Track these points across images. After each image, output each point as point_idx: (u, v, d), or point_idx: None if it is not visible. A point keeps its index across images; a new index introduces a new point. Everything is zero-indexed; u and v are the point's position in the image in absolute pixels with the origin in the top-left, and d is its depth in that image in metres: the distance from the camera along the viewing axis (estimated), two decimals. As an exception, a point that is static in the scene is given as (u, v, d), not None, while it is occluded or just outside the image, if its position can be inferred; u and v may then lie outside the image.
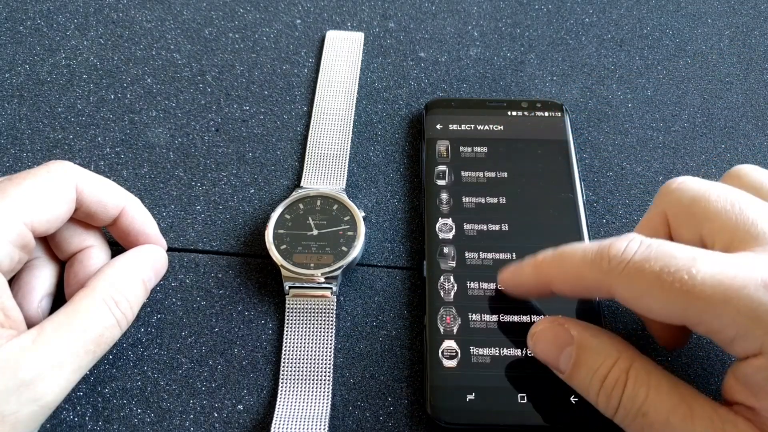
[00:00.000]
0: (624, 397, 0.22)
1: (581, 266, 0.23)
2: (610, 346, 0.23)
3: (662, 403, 0.21)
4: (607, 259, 0.22)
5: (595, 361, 0.23)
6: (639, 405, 0.21)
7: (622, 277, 0.22)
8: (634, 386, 0.22)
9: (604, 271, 0.22)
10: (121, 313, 0.26)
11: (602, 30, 0.41)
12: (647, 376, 0.22)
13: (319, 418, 0.27)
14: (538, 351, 0.25)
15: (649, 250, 0.22)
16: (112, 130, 0.36)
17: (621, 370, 0.22)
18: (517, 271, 0.27)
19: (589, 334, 0.24)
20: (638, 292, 0.22)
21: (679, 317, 0.21)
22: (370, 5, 0.42)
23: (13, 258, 0.24)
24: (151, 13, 0.40)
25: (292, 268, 0.30)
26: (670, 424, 0.21)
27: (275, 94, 0.38)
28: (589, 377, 0.23)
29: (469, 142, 0.34)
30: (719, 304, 0.20)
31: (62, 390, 0.23)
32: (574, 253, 0.24)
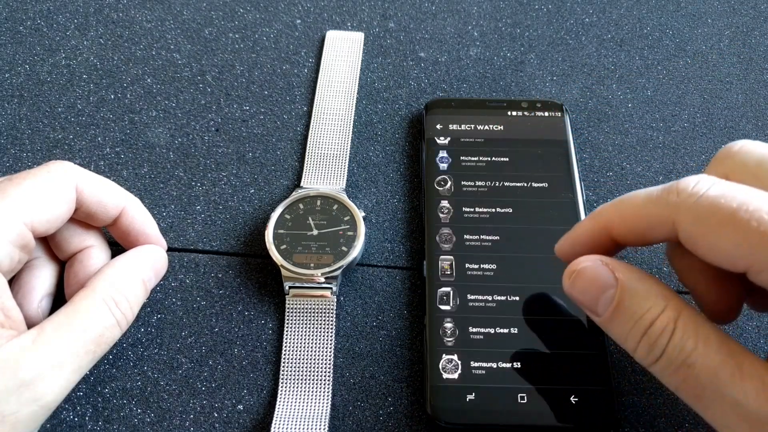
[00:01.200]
0: (669, 346, 0.21)
1: (645, 204, 0.22)
2: (658, 292, 0.22)
3: (711, 356, 0.20)
4: (675, 192, 0.21)
5: (641, 307, 0.21)
6: (686, 356, 0.20)
7: (691, 210, 0.21)
8: (683, 336, 0.20)
9: (672, 204, 0.21)
10: (121, 314, 0.26)
11: (602, 30, 0.41)
12: (696, 327, 0.21)
13: (319, 418, 0.27)
14: (576, 291, 0.23)
15: (723, 187, 0.20)
16: (112, 130, 0.36)
17: (669, 319, 0.21)
18: (572, 231, 0.26)
19: (635, 278, 0.22)
20: (708, 227, 0.20)
21: (748, 260, 0.20)
22: (370, 5, 0.42)
23: (13, 258, 0.24)
24: (151, 13, 0.40)
25: (292, 268, 0.30)
26: (719, 378, 0.20)
27: (275, 94, 0.38)
28: (632, 323, 0.22)
29: (469, 143, 0.34)
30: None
31: (62, 390, 0.23)
32: (636, 194, 0.23)
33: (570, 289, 0.24)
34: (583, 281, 0.23)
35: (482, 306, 0.29)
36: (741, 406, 0.19)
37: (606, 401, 0.27)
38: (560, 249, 0.26)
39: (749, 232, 0.19)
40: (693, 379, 0.20)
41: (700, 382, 0.20)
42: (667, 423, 0.28)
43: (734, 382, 0.19)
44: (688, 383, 0.20)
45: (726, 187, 0.20)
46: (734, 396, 0.19)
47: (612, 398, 0.27)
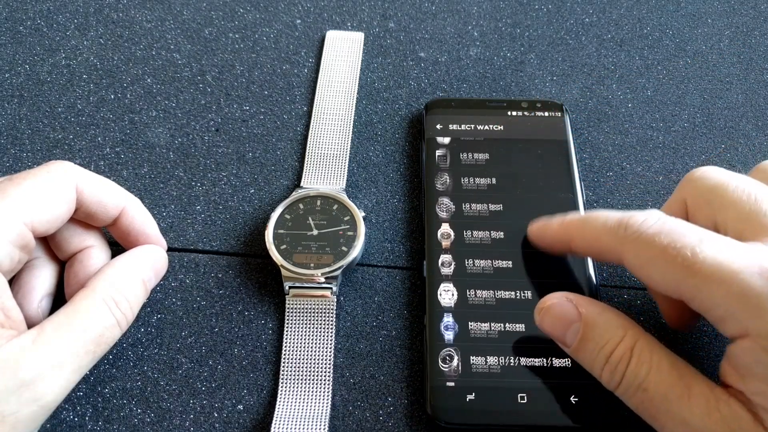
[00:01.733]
0: (627, 373, 0.23)
1: (601, 230, 0.25)
2: (617, 324, 0.24)
3: (662, 381, 0.22)
4: (624, 227, 0.24)
5: (602, 338, 0.24)
6: (640, 381, 0.22)
7: (633, 244, 0.23)
8: (637, 364, 0.23)
9: (619, 237, 0.24)
10: (121, 314, 0.26)
11: (602, 30, 0.41)
12: (650, 354, 0.23)
13: (319, 418, 0.27)
14: (546, 326, 0.26)
15: (662, 225, 0.23)
16: (112, 130, 0.36)
17: (626, 348, 0.23)
18: (545, 225, 0.29)
19: (596, 312, 0.24)
20: (644, 260, 0.23)
21: (677, 290, 0.22)
22: (370, 5, 0.42)
23: (13, 258, 0.24)
24: (151, 13, 0.40)
25: (292, 268, 0.30)
26: (668, 401, 0.22)
27: (275, 94, 0.38)
28: (595, 353, 0.24)
29: (469, 143, 0.34)
30: (714, 283, 0.21)
31: (62, 390, 0.23)
32: (597, 218, 0.26)
33: (540, 323, 0.26)
34: (552, 317, 0.26)
35: (482, 306, 0.29)
36: (688, 424, 0.21)
37: (606, 401, 0.27)
38: (531, 233, 0.30)
39: (674, 267, 0.22)
40: (648, 401, 0.22)
41: (654, 404, 0.22)
42: (667, 423, 0.28)
43: (682, 403, 0.21)
44: (644, 405, 0.23)
45: (665, 225, 0.23)
46: (682, 415, 0.21)
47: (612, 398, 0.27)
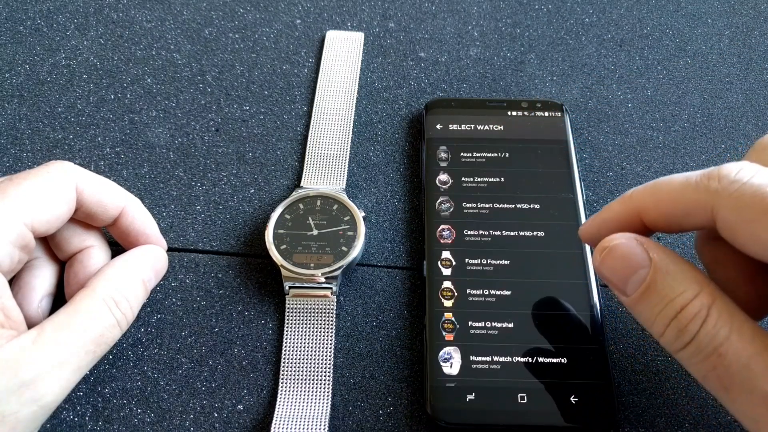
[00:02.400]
0: (701, 333, 0.20)
1: (683, 189, 0.21)
2: (693, 277, 0.21)
3: (744, 347, 0.19)
4: (717, 179, 0.20)
5: (674, 290, 0.21)
6: (718, 344, 0.19)
7: (733, 197, 0.20)
8: (716, 323, 0.20)
9: (711, 190, 0.20)
10: (121, 314, 0.26)
11: (602, 30, 0.41)
12: (731, 316, 0.20)
13: (319, 418, 0.27)
14: (605, 267, 0.22)
15: (763, 178, 0.20)
16: (112, 130, 0.36)
17: (703, 304, 0.20)
18: (600, 213, 0.25)
19: (671, 259, 0.21)
20: (750, 216, 0.19)
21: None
22: (370, 5, 0.42)
23: (13, 258, 0.24)
24: (151, 13, 0.40)
25: (292, 268, 0.30)
26: (750, 371, 0.19)
27: (275, 94, 0.38)
28: (662, 306, 0.21)
29: (469, 142, 0.34)
30: None
31: (62, 390, 0.23)
32: (673, 179, 0.22)
33: (599, 265, 0.23)
34: (614, 259, 0.22)
35: (483, 306, 0.29)
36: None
37: (606, 401, 0.27)
38: (585, 231, 0.25)
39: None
40: (723, 369, 0.19)
41: (730, 372, 0.19)
42: (667, 423, 0.28)
43: (767, 376, 0.19)
44: (717, 373, 0.20)
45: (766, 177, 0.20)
46: (765, 389, 0.19)
47: (612, 398, 0.27)
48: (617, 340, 0.30)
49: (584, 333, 0.28)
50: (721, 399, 0.20)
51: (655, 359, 0.29)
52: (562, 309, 0.29)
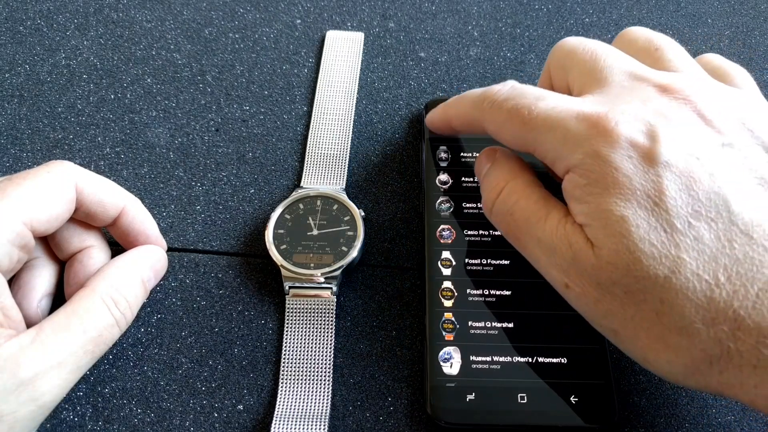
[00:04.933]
0: (498, 200, 0.27)
1: (469, 106, 0.29)
2: (508, 166, 0.27)
3: (528, 207, 0.25)
4: (482, 99, 0.27)
5: (494, 175, 0.28)
6: (509, 207, 0.26)
7: (488, 113, 0.27)
8: (509, 193, 0.26)
9: (481, 109, 0.27)
10: (120, 314, 0.26)
11: (602, 30, 0.41)
12: (524, 187, 0.26)
13: (319, 418, 0.27)
14: (476, 165, 0.30)
15: (512, 91, 0.26)
16: (112, 130, 0.36)
17: (501, 182, 0.27)
18: (433, 111, 0.32)
19: (504, 158, 0.28)
20: (497, 125, 0.27)
21: (524, 145, 0.26)
22: (370, 5, 0.42)
23: (12, 258, 0.24)
24: (151, 13, 0.40)
25: (292, 268, 0.30)
26: (529, 223, 0.25)
27: (275, 94, 0.38)
28: (487, 186, 0.28)
29: (469, 142, 0.34)
30: (545, 132, 0.24)
31: (61, 390, 0.23)
32: (467, 95, 0.29)
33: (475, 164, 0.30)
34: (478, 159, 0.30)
35: (483, 305, 0.29)
36: (540, 240, 0.24)
37: (606, 401, 0.27)
38: (427, 121, 0.33)
39: (516, 125, 0.25)
40: (514, 223, 0.26)
41: (518, 225, 0.26)
42: (667, 423, 0.28)
43: (539, 224, 0.25)
44: (510, 228, 0.26)
45: (514, 92, 0.26)
46: (537, 234, 0.25)
47: (612, 399, 0.27)
48: (617, 340, 0.30)
49: (584, 333, 0.28)
50: (518, 247, 0.26)
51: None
52: (562, 309, 0.29)
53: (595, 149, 0.23)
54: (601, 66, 0.26)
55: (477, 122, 0.28)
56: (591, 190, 0.23)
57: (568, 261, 0.23)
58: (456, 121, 0.30)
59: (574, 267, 0.23)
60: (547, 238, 0.24)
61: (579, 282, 0.23)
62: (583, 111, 0.24)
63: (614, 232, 0.22)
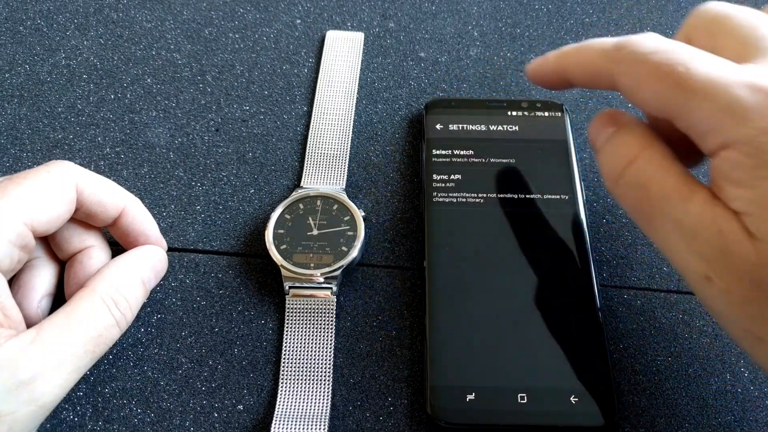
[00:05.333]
0: (629, 171, 0.23)
1: (596, 53, 0.25)
2: (640, 133, 0.24)
3: (667, 183, 0.22)
4: (620, 48, 0.24)
5: (622, 141, 0.24)
6: (644, 180, 0.23)
7: (627, 64, 0.23)
8: (643, 165, 0.23)
9: (614, 58, 0.24)
10: (120, 314, 0.26)
11: (602, 30, 0.41)
12: (660, 160, 0.23)
13: (319, 418, 0.27)
14: (591, 127, 0.26)
15: (659, 44, 0.23)
16: (112, 130, 0.36)
17: (633, 151, 0.24)
18: (543, 59, 0.28)
19: (632, 124, 0.25)
20: (637, 80, 0.23)
21: (667, 109, 0.22)
22: (370, 5, 0.42)
23: (12, 258, 0.24)
24: (151, 13, 0.40)
25: (292, 268, 0.30)
26: (668, 201, 0.22)
27: (275, 94, 0.38)
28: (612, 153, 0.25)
29: (469, 142, 0.34)
30: (703, 97, 0.21)
31: (61, 390, 0.23)
32: (593, 42, 0.25)
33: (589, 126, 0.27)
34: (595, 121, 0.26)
35: (483, 305, 0.29)
36: (683, 224, 0.21)
37: (606, 401, 0.27)
38: (529, 70, 0.29)
39: (665, 84, 0.22)
40: (647, 200, 0.23)
41: (652, 203, 0.23)
42: (667, 423, 0.28)
43: (681, 205, 0.22)
44: (642, 205, 0.23)
45: (661, 45, 0.23)
46: (678, 216, 0.22)
47: (612, 398, 0.27)
48: (617, 340, 0.30)
49: (584, 333, 0.28)
50: (645, 227, 0.23)
51: (655, 359, 0.29)
52: (562, 309, 0.29)
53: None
54: (764, 35, 0.23)
55: (606, 75, 0.24)
56: (761, 173, 0.20)
57: (715, 251, 0.20)
58: (576, 72, 0.26)
59: (723, 259, 0.20)
60: (691, 221, 0.21)
61: (725, 276, 0.20)
62: (757, 82, 0.21)
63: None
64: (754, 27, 0.23)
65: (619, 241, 0.33)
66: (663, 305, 0.31)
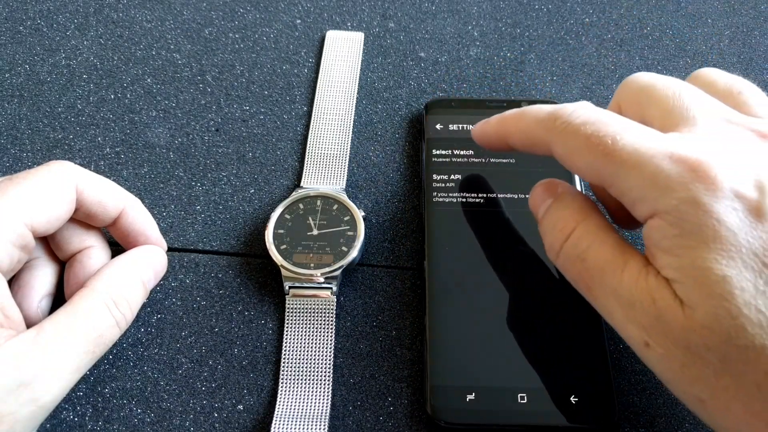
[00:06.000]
0: (566, 244, 0.24)
1: (533, 122, 0.26)
2: (577, 204, 0.25)
3: (603, 254, 0.23)
4: (554, 119, 0.25)
5: (558, 214, 0.25)
6: (580, 252, 0.24)
7: (560, 135, 0.24)
8: (580, 237, 0.24)
9: (549, 128, 0.25)
10: (120, 314, 0.26)
11: (602, 30, 0.41)
12: (596, 230, 0.24)
13: (319, 418, 0.27)
14: (531, 197, 0.28)
15: (589, 115, 0.24)
16: (112, 130, 0.36)
17: (570, 223, 0.25)
18: (485, 123, 0.29)
19: (569, 195, 0.26)
20: (570, 150, 0.24)
21: (599, 178, 0.23)
22: (370, 5, 0.42)
23: (12, 258, 0.24)
24: (151, 13, 0.40)
25: (292, 268, 0.30)
26: (603, 273, 0.23)
27: (275, 94, 0.38)
28: (550, 225, 0.26)
29: (469, 142, 0.34)
30: (630, 168, 0.22)
31: (61, 390, 0.23)
32: (531, 110, 0.26)
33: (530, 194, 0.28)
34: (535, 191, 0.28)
35: (483, 305, 0.29)
36: (618, 293, 0.22)
37: (606, 401, 0.27)
38: (473, 133, 0.30)
39: (595, 155, 0.23)
40: (586, 271, 0.24)
41: (590, 274, 0.23)
42: (667, 423, 0.28)
43: (615, 275, 0.22)
44: (581, 275, 0.24)
45: (592, 116, 0.24)
46: (614, 286, 0.22)
47: (612, 398, 0.27)
48: (617, 340, 0.30)
49: (584, 333, 0.28)
50: (588, 298, 0.24)
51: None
52: (563, 309, 0.29)
53: (693, 196, 0.20)
54: (686, 104, 0.24)
55: (542, 143, 0.25)
56: (685, 242, 0.20)
57: (650, 318, 0.21)
58: (515, 138, 0.27)
59: (658, 326, 0.21)
60: (626, 291, 0.22)
61: (662, 343, 0.21)
62: (678, 152, 0.21)
63: (713, 293, 0.20)
64: (677, 96, 0.24)
65: (619, 241, 0.33)
66: (663, 305, 0.31)
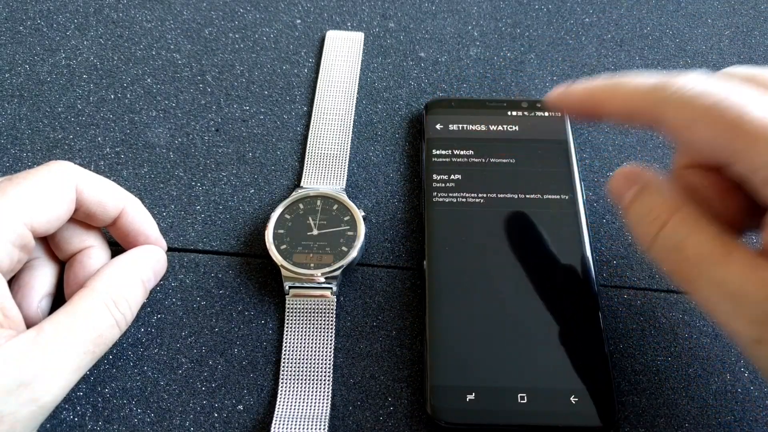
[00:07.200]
0: (661, 234, 0.23)
1: (637, 92, 0.24)
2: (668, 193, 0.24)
3: (702, 243, 0.22)
4: (665, 88, 0.23)
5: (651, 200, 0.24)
6: (677, 242, 0.22)
7: (674, 105, 0.22)
8: (676, 226, 0.22)
9: (659, 98, 0.23)
10: (120, 314, 0.26)
11: (602, 30, 0.41)
12: (693, 221, 0.22)
13: (319, 418, 0.27)
14: (612, 183, 0.26)
15: (708, 85, 0.22)
16: (112, 130, 0.36)
17: (664, 212, 0.23)
18: (569, 90, 0.27)
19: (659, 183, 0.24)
20: (687, 121, 0.22)
21: (721, 152, 0.21)
22: (370, 5, 0.42)
23: (12, 258, 0.24)
24: (151, 13, 0.40)
25: (292, 268, 0.30)
26: (706, 262, 0.21)
27: (275, 94, 0.37)
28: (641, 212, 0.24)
29: (469, 142, 0.34)
30: (762, 142, 0.20)
31: (61, 390, 0.23)
32: (632, 80, 0.25)
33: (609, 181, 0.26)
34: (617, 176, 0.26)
35: (483, 305, 0.29)
36: (726, 285, 0.21)
37: (606, 401, 0.27)
38: (550, 98, 0.28)
39: (722, 125, 0.21)
40: (684, 262, 0.22)
41: (690, 265, 0.22)
42: (667, 423, 0.28)
43: (720, 266, 0.21)
44: (679, 266, 0.22)
45: (712, 85, 0.22)
46: (720, 277, 0.21)
47: (612, 398, 0.27)
48: (617, 340, 0.30)
49: (584, 333, 0.28)
50: (687, 289, 0.22)
51: (655, 359, 0.29)
52: (562, 309, 0.29)
53: None
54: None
55: (647, 113, 0.24)
56: None
57: (765, 314, 0.20)
58: (611, 107, 0.25)
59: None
60: (736, 282, 0.20)
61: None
62: None
63: None
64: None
65: (619, 241, 0.33)
66: (663, 305, 0.31)
